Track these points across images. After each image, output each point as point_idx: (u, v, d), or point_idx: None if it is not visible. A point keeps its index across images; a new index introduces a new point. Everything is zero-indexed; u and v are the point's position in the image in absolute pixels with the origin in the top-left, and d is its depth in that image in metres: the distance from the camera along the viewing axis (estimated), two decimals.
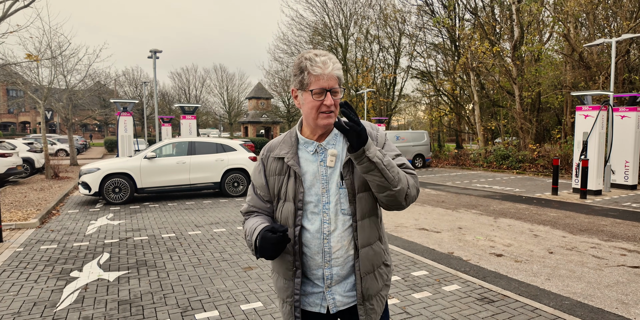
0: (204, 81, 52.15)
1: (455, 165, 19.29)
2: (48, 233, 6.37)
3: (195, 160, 9.71)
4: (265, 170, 1.62)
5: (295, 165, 1.52)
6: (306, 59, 1.47)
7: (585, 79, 17.05)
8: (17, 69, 15.89)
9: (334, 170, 1.53)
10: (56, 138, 28.19)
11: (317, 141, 1.56)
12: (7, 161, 11.58)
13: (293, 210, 1.53)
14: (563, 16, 17.04)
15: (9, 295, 3.87)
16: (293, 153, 1.55)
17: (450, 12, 23.78)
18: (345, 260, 1.54)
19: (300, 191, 1.52)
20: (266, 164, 1.62)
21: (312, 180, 1.53)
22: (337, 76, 1.48)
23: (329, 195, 1.51)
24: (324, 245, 1.52)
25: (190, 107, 15.91)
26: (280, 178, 1.57)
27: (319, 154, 1.55)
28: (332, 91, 1.46)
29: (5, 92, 55.71)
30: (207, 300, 3.75)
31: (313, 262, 1.54)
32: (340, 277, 1.55)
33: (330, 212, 1.51)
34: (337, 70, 1.48)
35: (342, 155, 1.54)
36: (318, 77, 1.45)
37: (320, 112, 1.48)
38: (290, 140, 1.59)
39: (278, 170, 1.57)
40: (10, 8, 7.25)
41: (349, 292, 1.57)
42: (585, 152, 10.10)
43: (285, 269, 1.57)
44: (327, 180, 1.52)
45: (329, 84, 1.45)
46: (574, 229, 6.61)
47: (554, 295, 3.96)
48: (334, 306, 1.56)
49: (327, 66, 1.46)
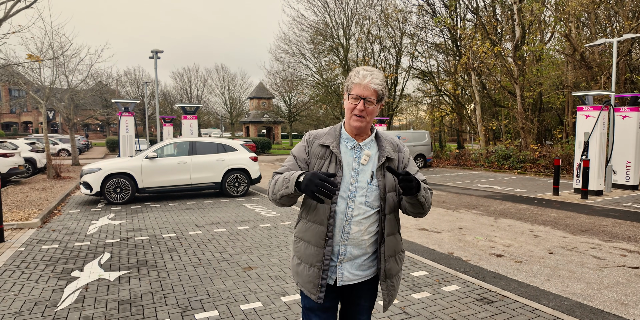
0: (205, 81, 52.19)
1: (457, 165, 19.27)
2: (49, 233, 6.40)
3: (196, 160, 9.72)
4: (309, 151, 1.91)
5: (339, 153, 1.83)
6: (355, 70, 1.83)
7: (586, 79, 17.02)
8: (19, 69, 15.94)
9: (365, 168, 1.83)
10: (58, 138, 28.26)
11: (357, 140, 1.87)
12: (9, 161, 11.61)
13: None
14: (564, 16, 17.00)
15: (10, 295, 3.89)
16: (337, 143, 1.86)
17: (452, 12, 23.75)
18: (359, 242, 1.83)
19: (340, 175, 1.80)
20: (310, 146, 1.91)
21: (347, 170, 1.83)
22: (374, 89, 1.77)
23: (357, 187, 1.81)
24: (344, 226, 1.81)
25: (191, 107, 15.93)
26: (322, 161, 1.86)
27: (356, 151, 1.86)
28: (367, 100, 1.77)
29: (7, 92, 55.86)
30: (207, 300, 3.77)
31: (335, 238, 1.83)
32: (352, 255, 1.84)
33: (355, 200, 1.80)
34: (374, 84, 1.77)
35: (375, 158, 1.86)
36: (357, 86, 1.78)
37: (353, 115, 1.80)
38: (335, 133, 1.90)
39: (321, 155, 1.87)
40: (12, 8, 7.27)
41: (355, 270, 1.86)
42: (586, 153, 10.09)
43: (318, 238, 1.84)
44: (357, 174, 1.82)
45: (365, 93, 1.77)
46: (575, 230, 6.60)
47: (554, 295, 3.96)
48: (341, 280, 1.84)
49: (366, 78, 1.77)
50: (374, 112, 1.81)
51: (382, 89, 1.79)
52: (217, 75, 63.06)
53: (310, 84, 30.77)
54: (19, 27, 8.49)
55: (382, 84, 1.79)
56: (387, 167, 1.68)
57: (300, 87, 37.86)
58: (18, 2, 7.25)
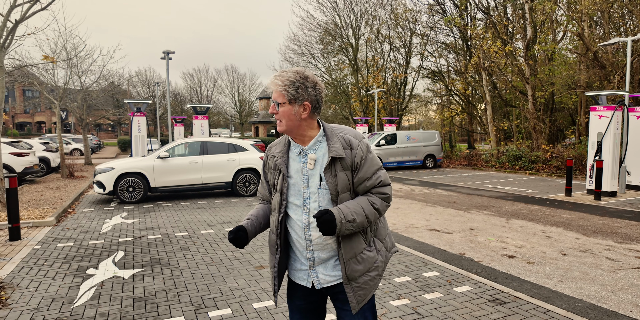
0: (215, 81, 52.59)
1: (467, 165, 19.15)
2: (64, 231, 6.51)
3: (207, 160, 9.81)
4: (265, 166, 1.95)
5: (282, 164, 1.82)
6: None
7: (599, 79, 16.80)
8: (33, 70, 16.20)
9: (314, 172, 1.78)
10: (71, 138, 28.66)
11: (302, 145, 1.82)
12: (24, 160, 11.82)
13: (279, 200, 1.83)
14: (577, 15, 16.80)
15: (28, 292, 3.97)
16: (284, 153, 1.84)
17: (462, 12, 23.60)
18: (324, 246, 1.80)
19: (285, 186, 1.81)
20: (267, 160, 1.94)
21: (295, 178, 1.81)
22: (277, 91, 1.73)
23: (309, 193, 1.78)
24: (305, 233, 1.80)
25: (202, 108, 16.05)
26: (274, 173, 1.87)
27: (302, 156, 1.82)
28: (275, 102, 1.76)
29: (21, 92, 56.80)
30: (220, 298, 3.81)
31: (299, 245, 1.84)
32: (322, 259, 1.82)
33: (310, 206, 1.78)
34: (275, 85, 1.73)
35: (323, 160, 1.78)
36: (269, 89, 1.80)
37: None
38: (284, 142, 1.88)
39: (273, 166, 1.88)
40: (27, 10, 7.40)
41: (330, 272, 1.83)
42: (599, 153, 9.97)
43: (271, 246, 1.91)
44: (307, 179, 1.79)
45: (273, 95, 1.76)
46: (588, 231, 6.54)
47: (567, 297, 3.93)
48: (318, 283, 1.83)
49: (271, 80, 1.76)
50: (286, 114, 1.73)
51: (287, 89, 1.70)
52: (226, 75, 63.48)
53: None
54: (34, 29, 8.62)
55: (286, 84, 1.70)
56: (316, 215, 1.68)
57: None
58: (34, 4, 7.38)
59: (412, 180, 13.98)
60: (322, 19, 31.12)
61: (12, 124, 56.38)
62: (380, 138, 17.51)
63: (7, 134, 40.41)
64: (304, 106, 1.74)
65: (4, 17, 7.25)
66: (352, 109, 29.34)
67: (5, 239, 5.95)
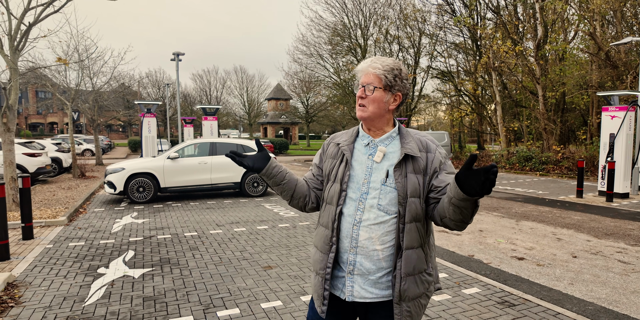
0: (224, 82, 52.95)
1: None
2: (76, 230, 6.60)
3: (216, 161, 9.87)
4: (323, 153, 1.82)
5: (347, 151, 1.67)
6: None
7: (612, 79, 16.57)
8: (46, 72, 16.46)
9: (380, 166, 1.62)
10: (82, 138, 29.03)
11: (373, 137, 1.69)
12: (37, 161, 12.00)
13: (339, 190, 1.65)
14: (589, 14, 16.60)
15: (41, 290, 4.04)
16: (350, 142, 1.71)
17: (472, 11, 23.45)
18: (370, 253, 1.58)
19: (347, 174, 1.64)
20: (327, 148, 1.81)
21: (358, 169, 1.65)
22: (374, 73, 1.61)
23: (369, 187, 1.61)
24: (352, 231, 1.60)
25: (211, 109, 16.16)
26: (334, 161, 1.72)
27: (371, 148, 1.67)
28: (367, 87, 1.62)
29: (34, 94, 57.67)
30: (229, 298, 3.84)
31: (342, 244, 1.64)
32: (364, 268, 1.59)
33: (366, 202, 1.60)
34: (373, 68, 1.61)
35: (393, 156, 1.63)
36: (360, 74, 1.67)
37: (357, 105, 1.68)
38: (352, 132, 1.77)
39: (334, 155, 1.74)
40: (41, 13, 7.53)
41: (369, 287, 1.60)
42: (611, 154, 9.84)
43: (323, 243, 1.68)
44: (370, 173, 1.62)
45: (365, 79, 1.63)
46: (599, 233, 6.45)
47: (578, 300, 3.89)
48: (350, 294, 1.60)
49: (366, 63, 1.64)
50: (377, 100, 1.61)
51: (386, 74, 1.59)
52: (235, 76, 63.92)
53: (327, 85, 30.87)
54: (47, 31, 8.76)
55: (386, 69, 1.59)
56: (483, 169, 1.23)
57: (318, 88, 37.98)
58: (47, 7, 7.50)
59: None
60: (330, 20, 31.19)
61: (25, 124, 57.31)
62: None
63: (20, 134, 41.09)
64: (396, 96, 1.65)
65: (18, 20, 7.38)
66: None
67: (19, 238, 6.05)
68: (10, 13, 7.33)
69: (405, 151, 1.59)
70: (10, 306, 3.65)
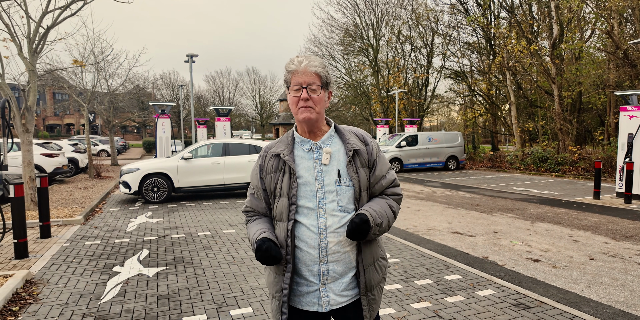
0: (237, 84, 53.32)
1: (491, 167, 18.78)
2: (92, 229, 6.71)
3: (229, 161, 9.94)
4: (262, 170, 1.67)
5: (290, 161, 1.57)
6: (289, 60, 1.58)
7: (630, 78, 16.22)
8: (63, 74, 16.77)
9: (330, 168, 1.58)
10: (98, 139, 29.50)
11: (313, 140, 1.62)
12: (54, 161, 12.24)
13: (287, 204, 1.57)
14: (606, 12, 16.28)
15: (58, 287, 4.12)
16: (289, 150, 1.61)
17: (485, 11, 23.20)
18: (341, 255, 1.57)
19: (294, 186, 1.55)
20: (264, 162, 1.67)
21: (307, 177, 1.57)
22: (315, 72, 1.54)
23: (324, 192, 1.56)
24: (320, 240, 1.54)
25: (224, 110, 16.30)
26: (276, 175, 1.61)
27: (314, 151, 1.60)
28: (309, 87, 1.53)
29: (52, 95, 58.84)
30: (242, 297, 3.86)
31: (309, 257, 1.56)
32: (337, 273, 1.57)
33: (326, 207, 1.55)
34: (313, 66, 1.53)
35: (340, 155, 1.61)
36: (295, 74, 1.54)
37: (299, 107, 1.55)
38: (287, 140, 1.65)
39: (274, 168, 1.62)
40: (59, 16, 7.68)
41: (343, 291, 1.59)
42: (630, 155, 9.63)
43: (276, 265, 1.59)
44: (322, 177, 1.57)
45: (305, 79, 1.52)
46: (617, 235, 6.32)
47: (595, 303, 3.81)
48: (327, 304, 1.57)
49: (302, 63, 1.53)
50: (322, 99, 1.56)
51: (324, 73, 1.55)
52: (248, 78, 64.32)
53: (339, 86, 30.77)
54: (64, 34, 8.92)
55: (322, 66, 1.55)
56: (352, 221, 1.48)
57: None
58: (65, 10, 7.65)
59: (433, 182, 13.81)
60: (342, 21, 31.19)
61: (42, 126, 58.51)
62: (401, 139, 17.36)
63: (38, 135, 41.95)
64: (329, 93, 1.63)
65: (36, 24, 7.54)
66: (373, 110, 29.21)
67: (37, 237, 6.17)
68: (29, 16, 7.50)
69: (353, 147, 1.59)
70: (29, 303, 3.73)
